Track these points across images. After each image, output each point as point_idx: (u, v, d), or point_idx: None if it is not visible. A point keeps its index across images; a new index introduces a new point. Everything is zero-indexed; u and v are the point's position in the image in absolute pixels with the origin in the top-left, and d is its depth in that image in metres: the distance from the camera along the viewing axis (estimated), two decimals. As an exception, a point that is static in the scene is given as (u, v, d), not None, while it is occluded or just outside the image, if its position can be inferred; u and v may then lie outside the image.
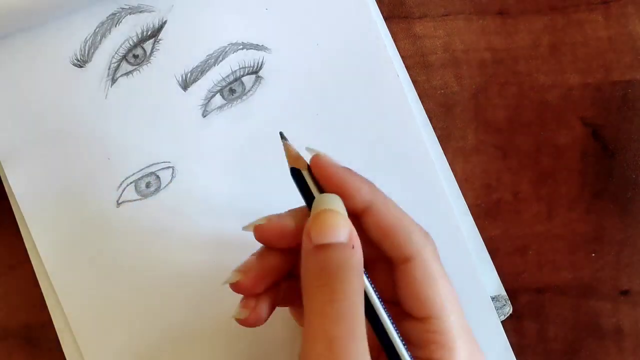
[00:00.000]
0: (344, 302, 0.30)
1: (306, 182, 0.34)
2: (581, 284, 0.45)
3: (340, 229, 0.32)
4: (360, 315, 0.31)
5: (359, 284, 0.31)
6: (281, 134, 0.35)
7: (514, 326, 0.45)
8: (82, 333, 0.41)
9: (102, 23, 0.41)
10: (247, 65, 0.42)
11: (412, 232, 0.34)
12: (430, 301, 0.33)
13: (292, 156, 0.35)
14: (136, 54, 0.41)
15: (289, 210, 0.35)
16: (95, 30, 0.41)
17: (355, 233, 0.32)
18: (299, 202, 0.41)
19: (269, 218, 0.35)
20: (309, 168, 0.34)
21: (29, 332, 0.42)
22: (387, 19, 0.44)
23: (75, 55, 0.41)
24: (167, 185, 0.41)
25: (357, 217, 0.34)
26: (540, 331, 0.45)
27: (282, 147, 0.35)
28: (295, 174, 0.34)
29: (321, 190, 0.34)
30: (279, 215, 0.35)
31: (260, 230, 0.34)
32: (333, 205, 0.32)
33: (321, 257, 0.31)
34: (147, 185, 0.41)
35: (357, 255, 0.32)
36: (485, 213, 0.45)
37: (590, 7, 0.45)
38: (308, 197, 0.34)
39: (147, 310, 0.41)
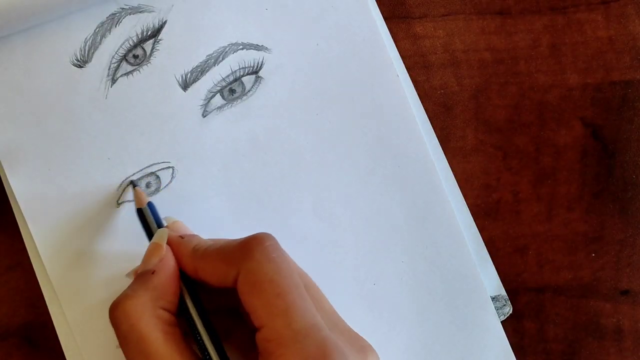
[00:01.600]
0: (130, 353, 0.33)
1: (146, 220, 0.38)
2: (581, 284, 0.45)
3: (151, 258, 0.36)
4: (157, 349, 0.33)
5: (144, 323, 0.33)
6: (132, 182, 0.41)
7: (514, 326, 0.45)
8: (82, 333, 0.41)
9: (102, 23, 0.41)
10: (247, 66, 0.42)
11: (228, 254, 0.34)
12: (257, 310, 0.32)
13: (139, 200, 0.39)
14: (136, 54, 0.41)
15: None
16: (95, 31, 0.41)
17: (167, 260, 0.36)
18: (298, 202, 0.42)
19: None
20: (149, 205, 0.39)
21: (29, 332, 0.42)
22: (387, 19, 0.44)
23: (75, 55, 0.41)
24: (167, 185, 0.41)
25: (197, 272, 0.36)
26: (540, 331, 0.45)
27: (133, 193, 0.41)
28: (139, 213, 0.39)
29: (160, 226, 0.38)
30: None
31: None
32: (155, 238, 0.37)
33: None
34: (147, 185, 0.41)
35: (145, 291, 0.34)
36: (485, 213, 0.45)
37: (590, 7, 0.45)
38: (148, 232, 0.39)
39: (147, 310, 0.41)
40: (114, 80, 0.41)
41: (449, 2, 0.45)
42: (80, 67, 0.41)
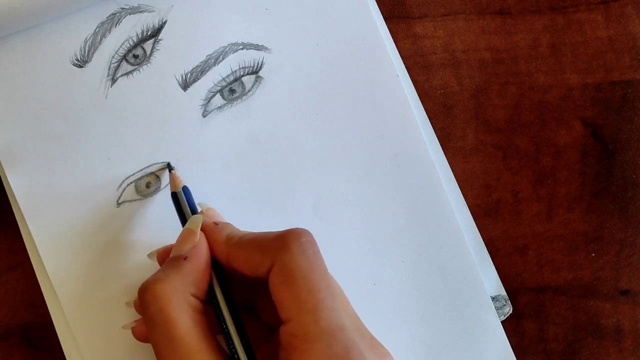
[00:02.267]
0: (155, 335, 0.33)
1: (180, 205, 0.38)
2: (581, 284, 0.45)
3: (184, 244, 0.35)
4: (187, 336, 0.33)
5: (177, 309, 0.33)
6: (169, 164, 0.41)
7: (514, 326, 0.45)
8: (82, 333, 0.41)
9: (102, 23, 0.41)
10: (247, 66, 0.42)
11: (264, 245, 0.34)
12: (286, 303, 0.33)
13: (175, 183, 0.39)
14: (136, 54, 0.41)
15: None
16: (95, 31, 0.41)
17: (200, 247, 0.35)
18: (298, 202, 0.41)
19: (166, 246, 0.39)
20: (184, 189, 0.39)
21: (29, 332, 0.42)
22: (387, 19, 0.44)
23: (76, 55, 0.41)
24: (167, 185, 0.41)
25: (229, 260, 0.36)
26: (540, 331, 0.45)
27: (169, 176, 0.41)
28: (173, 197, 0.39)
29: (194, 211, 0.38)
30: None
31: (162, 256, 0.38)
32: (189, 224, 0.37)
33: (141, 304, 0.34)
34: (147, 185, 0.41)
35: (175, 278, 0.34)
36: (485, 213, 0.45)
37: (590, 7, 0.45)
38: (181, 217, 0.38)
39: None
40: (113, 80, 0.41)
41: (449, 2, 0.45)
42: (80, 67, 0.41)
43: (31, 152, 0.40)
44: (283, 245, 0.34)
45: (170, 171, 0.40)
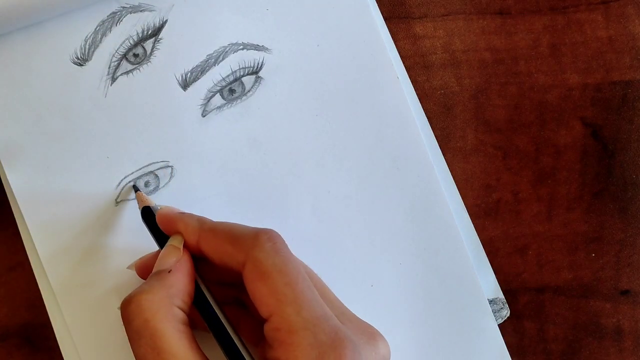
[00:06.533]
0: (141, 348, 0.33)
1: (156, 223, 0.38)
2: (581, 284, 0.45)
3: (167, 259, 0.35)
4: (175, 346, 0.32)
5: (161, 320, 0.33)
6: (134, 186, 0.41)
7: (514, 326, 0.45)
8: (81, 333, 0.40)
9: (103, 22, 0.41)
10: (247, 66, 0.42)
11: (237, 238, 0.34)
12: (265, 299, 0.32)
13: (143, 202, 0.39)
14: (136, 53, 0.41)
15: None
16: (95, 29, 0.41)
17: (184, 260, 0.35)
18: (297, 203, 0.41)
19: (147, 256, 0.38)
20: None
21: (29, 332, 0.42)
22: (387, 19, 0.44)
23: (76, 53, 0.41)
24: (166, 184, 0.42)
25: (198, 249, 0.36)
26: (540, 331, 0.45)
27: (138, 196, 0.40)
28: (146, 216, 0.38)
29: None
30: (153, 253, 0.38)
31: (141, 267, 0.38)
32: (173, 241, 0.36)
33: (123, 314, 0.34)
34: (146, 184, 0.41)
35: (158, 292, 0.34)
36: (485, 213, 0.45)
37: (590, 7, 0.45)
38: (157, 236, 0.38)
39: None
40: (113, 79, 0.41)
41: (449, 2, 0.45)
42: (81, 65, 0.41)
43: (31, 151, 0.40)
44: (255, 242, 0.34)
45: (136, 192, 0.40)
